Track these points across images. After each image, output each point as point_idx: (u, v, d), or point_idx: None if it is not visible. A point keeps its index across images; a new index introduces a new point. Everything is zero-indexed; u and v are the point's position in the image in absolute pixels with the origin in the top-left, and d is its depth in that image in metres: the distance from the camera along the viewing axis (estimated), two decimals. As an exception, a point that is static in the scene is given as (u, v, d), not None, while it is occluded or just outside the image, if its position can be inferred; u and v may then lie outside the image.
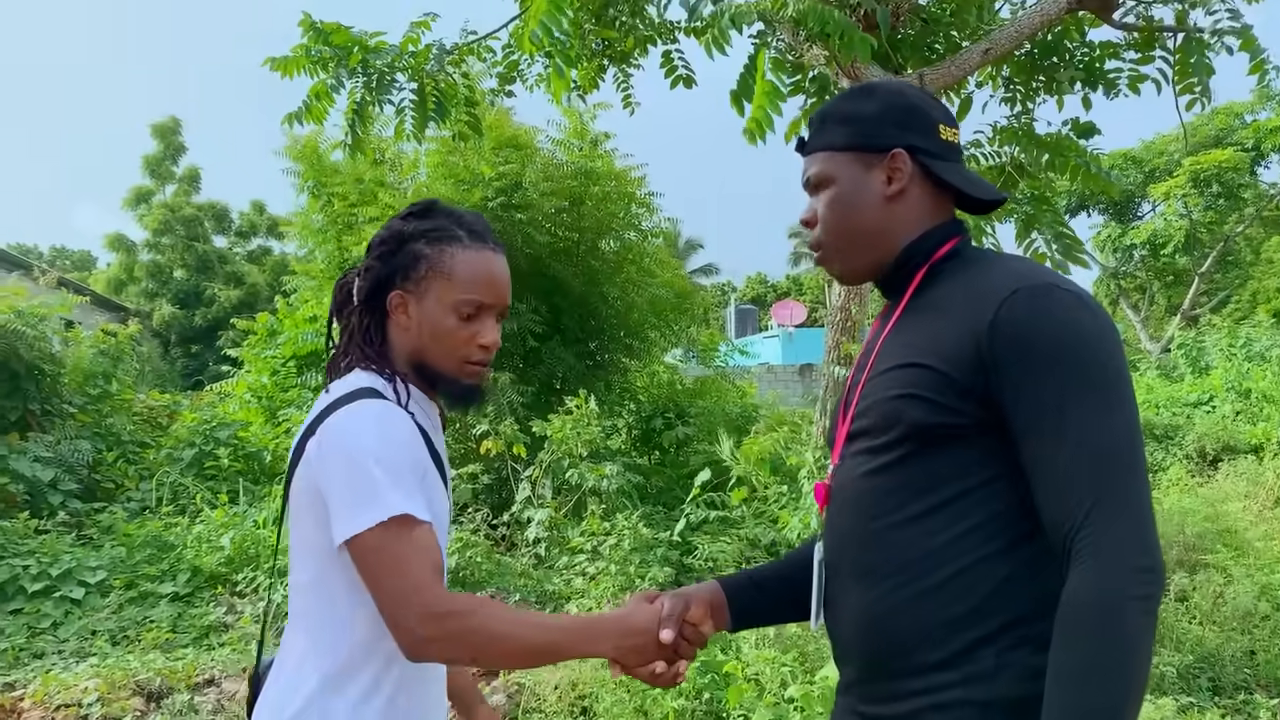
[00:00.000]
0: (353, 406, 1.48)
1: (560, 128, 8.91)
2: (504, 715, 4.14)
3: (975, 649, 1.29)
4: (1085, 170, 5.31)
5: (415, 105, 5.54)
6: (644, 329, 9.75)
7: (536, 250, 8.76)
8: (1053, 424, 1.24)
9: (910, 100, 1.49)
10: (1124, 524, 1.19)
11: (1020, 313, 1.27)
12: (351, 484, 1.41)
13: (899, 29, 5.08)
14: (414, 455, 1.47)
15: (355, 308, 1.63)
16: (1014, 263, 1.38)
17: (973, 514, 1.31)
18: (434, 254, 1.57)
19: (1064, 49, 5.30)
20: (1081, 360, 1.25)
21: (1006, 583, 1.29)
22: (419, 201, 1.66)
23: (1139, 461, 1.23)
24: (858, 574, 1.40)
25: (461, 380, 1.60)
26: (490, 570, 6.07)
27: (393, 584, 1.38)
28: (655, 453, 9.46)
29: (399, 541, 1.39)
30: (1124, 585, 1.17)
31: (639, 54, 5.78)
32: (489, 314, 1.60)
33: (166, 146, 29.01)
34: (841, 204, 1.48)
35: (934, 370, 1.32)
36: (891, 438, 1.35)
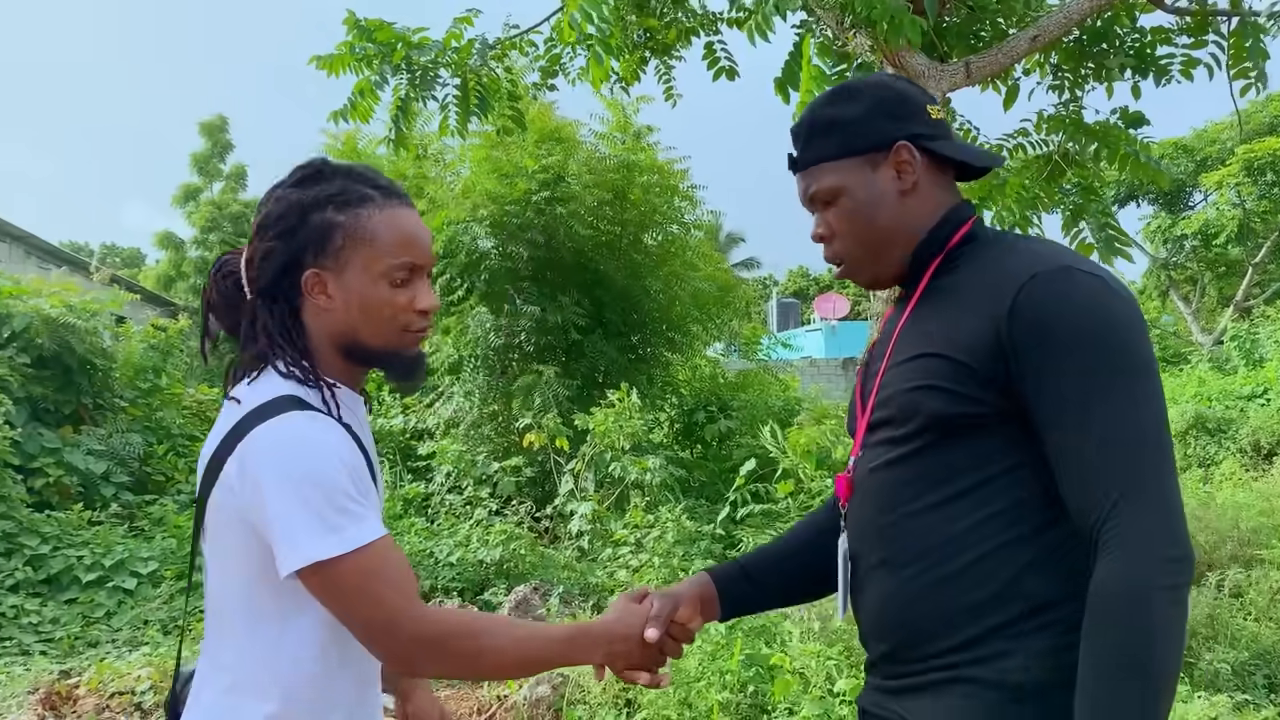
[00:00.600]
0: (276, 423, 1.31)
1: (603, 121, 8.93)
2: (548, 706, 4.16)
3: (998, 632, 1.28)
4: (1135, 159, 5.20)
5: (458, 100, 5.56)
6: (686, 322, 9.73)
7: (579, 243, 8.78)
8: (1076, 414, 1.21)
9: (898, 89, 1.45)
10: (1151, 514, 1.17)
11: (1039, 298, 1.24)
12: (296, 514, 1.27)
13: (944, 17, 5.02)
14: (352, 467, 1.33)
15: (253, 300, 1.43)
16: (1031, 245, 1.35)
17: (994, 501, 1.29)
18: (348, 220, 1.39)
19: (1114, 35, 5.19)
20: (1105, 347, 1.21)
21: (1029, 568, 1.28)
22: (304, 164, 1.47)
23: (1166, 449, 1.21)
24: (881, 562, 1.39)
25: (403, 352, 1.45)
26: (534, 563, 6.10)
27: (372, 614, 1.29)
28: (697, 446, 9.45)
29: (367, 571, 1.29)
30: (1152, 575, 1.15)
31: (681, 45, 5.75)
32: (421, 275, 1.44)
33: (214, 144, 29.38)
34: (858, 213, 1.43)
35: (953, 360, 1.29)
36: (911, 429, 1.34)
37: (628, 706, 4.10)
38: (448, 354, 8.93)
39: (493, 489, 7.47)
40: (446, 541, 6.27)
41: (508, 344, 8.63)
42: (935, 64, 4.55)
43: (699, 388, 10.13)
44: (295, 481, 1.27)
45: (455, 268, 8.48)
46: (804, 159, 1.47)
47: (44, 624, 5.65)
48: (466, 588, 5.94)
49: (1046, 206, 5.46)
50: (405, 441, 9.11)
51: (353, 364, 1.46)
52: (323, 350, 1.43)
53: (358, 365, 1.47)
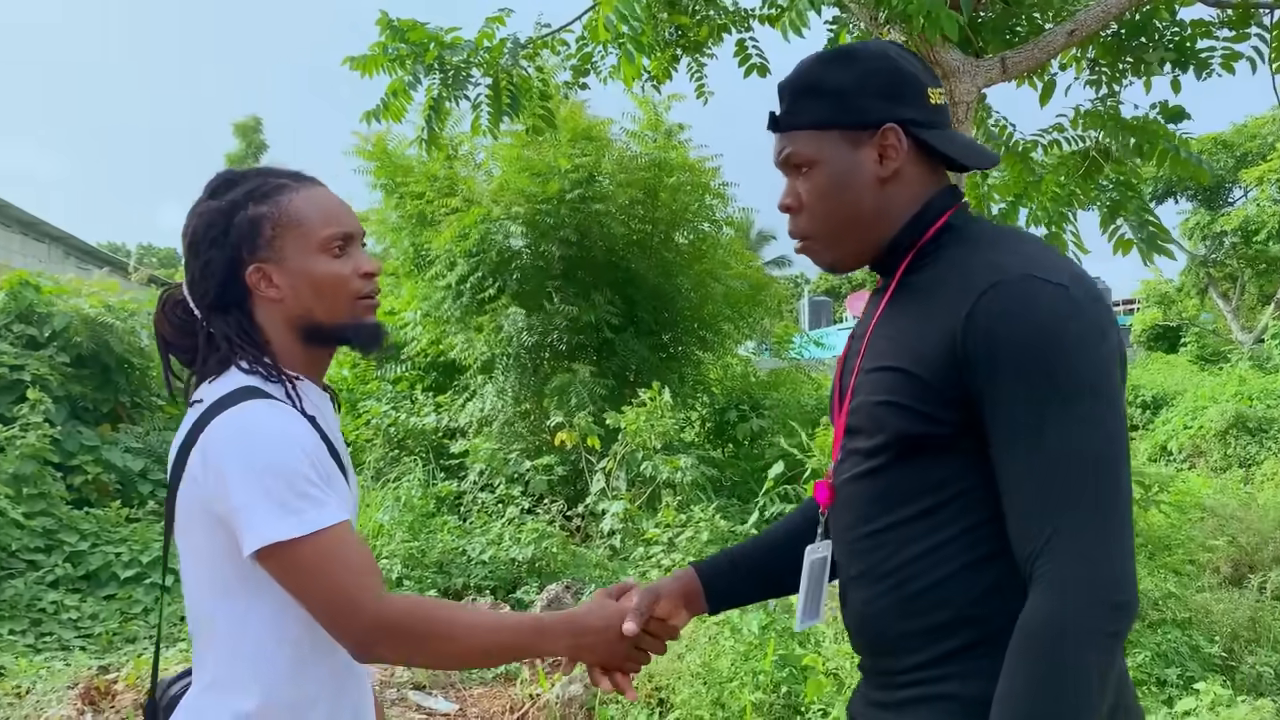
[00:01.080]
0: (236, 412, 1.33)
1: (634, 119, 8.92)
2: (581, 705, 4.15)
3: (957, 655, 1.25)
4: (1174, 155, 5.12)
5: (490, 100, 5.57)
6: (718, 321, 9.71)
7: (611, 242, 8.79)
8: (1018, 438, 1.15)
9: (896, 64, 1.34)
10: (1087, 552, 1.11)
11: (994, 310, 1.16)
12: (258, 501, 1.28)
13: (980, 12, 4.96)
14: (313, 455, 1.34)
15: (206, 316, 1.45)
16: (1003, 246, 1.26)
17: (954, 523, 1.25)
18: (271, 209, 1.42)
19: (1153, 28, 5.11)
20: (1053, 366, 1.13)
21: (988, 593, 1.23)
22: (213, 178, 1.49)
23: (1115, 481, 1.13)
24: (858, 575, 1.37)
25: (362, 320, 1.47)
26: (566, 561, 6.10)
27: (331, 598, 1.30)
28: (729, 445, 9.43)
29: (325, 555, 1.29)
30: (1078, 618, 1.10)
31: (713, 43, 5.73)
32: (355, 244, 1.48)
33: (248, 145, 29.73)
34: (830, 190, 1.34)
35: (912, 376, 1.23)
36: (876, 443, 1.29)
37: (660, 705, 4.09)
38: (480, 352, 8.96)
39: (525, 487, 7.49)
40: (479, 539, 6.29)
41: (540, 342, 8.64)
42: (970, 59, 4.51)
43: (730, 386, 10.11)
44: (257, 470, 1.29)
45: (487, 266, 8.50)
46: (784, 120, 1.38)
47: (83, 620, 5.73)
48: (499, 586, 5.95)
49: (1083, 203, 5.38)
50: (438, 440, 9.15)
51: (315, 349, 1.48)
52: (283, 344, 1.45)
53: (320, 348, 1.49)
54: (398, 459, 8.81)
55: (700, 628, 4.52)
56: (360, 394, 10.45)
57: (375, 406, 9.36)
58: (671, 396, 7.25)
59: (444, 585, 5.91)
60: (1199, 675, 4.17)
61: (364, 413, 9.57)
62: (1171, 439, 12.25)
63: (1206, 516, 6.67)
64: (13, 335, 8.47)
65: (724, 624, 4.53)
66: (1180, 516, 6.21)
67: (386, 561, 5.88)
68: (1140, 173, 5.77)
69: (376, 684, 4.58)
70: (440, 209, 8.68)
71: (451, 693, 4.62)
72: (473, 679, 4.79)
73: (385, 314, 10.60)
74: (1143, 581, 4.80)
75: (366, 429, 9.31)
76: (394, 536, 6.20)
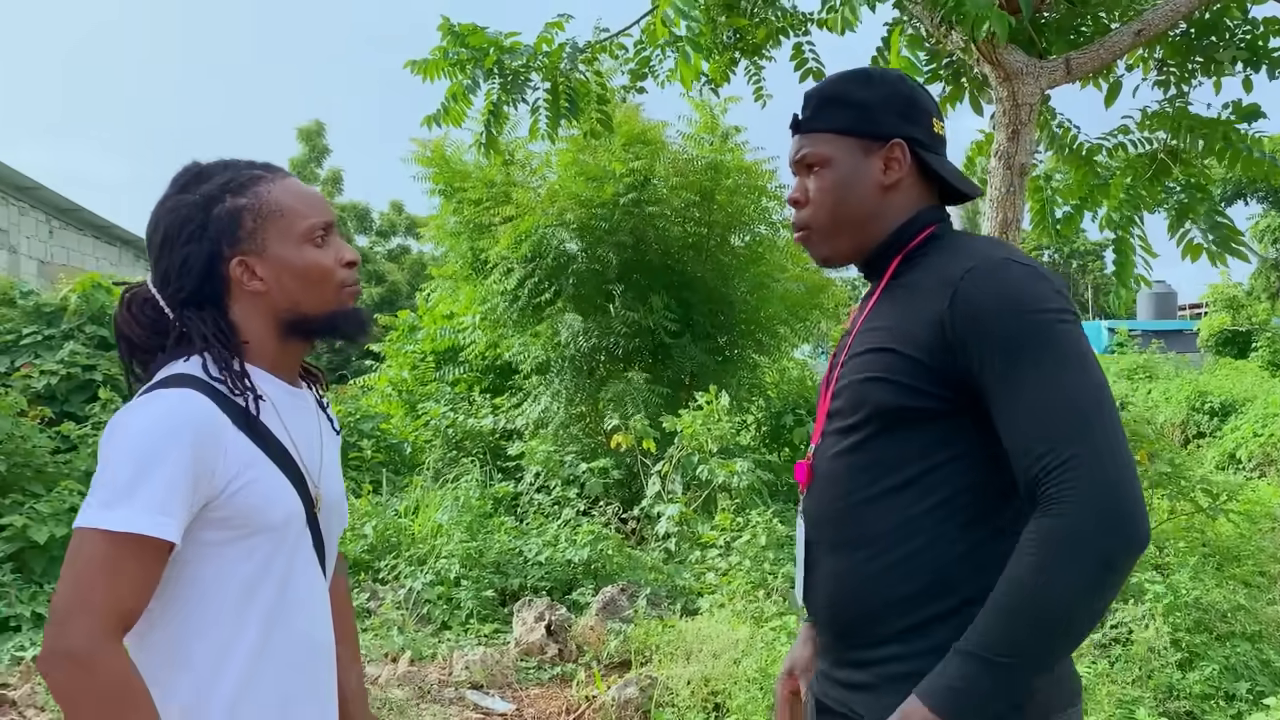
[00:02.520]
0: (143, 397, 1.32)
1: (690, 122, 8.92)
2: (636, 707, 4.17)
3: (933, 623, 1.33)
4: (1246, 155, 5.01)
5: (549, 104, 5.62)
6: (774, 324, 9.67)
7: (667, 245, 8.79)
8: (1019, 389, 1.26)
9: (911, 92, 1.53)
10: (1102, 480, 1.20)
11: (974, 289, 1.31)
12: (100, 478, 1.26)
13: (1044, 12, 4.89)
14: (184, 456, 1.26)
15: (178, 314, 1.40)
16: (979, 244, 1.42)
17: (937, 491, 1.35)
18: (251, 201, 1.39)
19: (1224, 27, 5.00)
20: (1038, 325, 1.27)
21: (966, 559, 1.33)
22: (181, 171, 1.45)
23: (1116, 419, 1.24)
24: (830, 548, 1.45)
25: (347, 308, 1.45)
26: (621, 563, 6.12)
27: (70, 591, 1.22)
28: (785, 449, 9.38)
29: (106, 557, 1.22)
30: (1090, 533, 1.18)
31: (770, 46, 5.72)
32: (334, 232, 1.46)
33: (311, 149, 30.20)
34: (837, 188, 1.51)
35: (903, 355, 1.35)
36: (859, 418, 1.40)
37: (716, 710, 4.09)
38: (535, 355, 9.02)
39: (580, 489, 7.52)
40: (535, 540, 6.33)
41: (597, 346, 8.68)
42: (1034, 60, 4.45)
43: (787, 390, 10.06)
44: (109, 452, 1.27)
45: (543, 271, 8.56)
46: (807, 123, 1.55)
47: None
48: (555, 587, 5.99)
49: (1150, 206, 5.28)
50: (495, 441, 9.23)
51: (292, 343, 1.46)
52: (259, 339, 1.42)
53: (298, 341, 1.46)
54: (456, 460, 8.90)
55: (758, 633, 4.51)
56: (420, 395, 10.58)
57: (435, 408, 9.47)
58: (728, 400, 7.24)
59: (500, 585, 5.95)
60: (1270, 690, 4.07)
61: (423, 414, 9.68)
62: (1241, 447, 11.95)
63: (1278, 527, 6.50)
64: (85, 336, 8.71)
65: (780, 629, 4.52)
66: (1250, 527, 6.06)
67: (445, 561, 5.94)
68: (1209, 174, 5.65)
69: (435, 683, 4.63)
70: (495, 216, 8.75)
71: (508, 693, 4.66)
72: (529, 679, 4.83)
73: (444, 318, 10.73)
74: (1211, 593, 4.69)
75: (425, 430, 9.42)
76: (452, 536, 6.27)
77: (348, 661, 1.66)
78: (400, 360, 11.26)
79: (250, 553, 1.36)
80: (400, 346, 11.44)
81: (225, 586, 1.35)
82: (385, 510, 7.10)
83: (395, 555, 6.35)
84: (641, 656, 4.68)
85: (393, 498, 7.71)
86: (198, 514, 1.31)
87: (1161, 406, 14.81)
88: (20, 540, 5.68)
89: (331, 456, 1.56)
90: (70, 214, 16.74)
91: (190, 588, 1.34)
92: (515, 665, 4.90)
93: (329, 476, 1.52)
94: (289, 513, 1.39)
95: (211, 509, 1.32)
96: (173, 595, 1.33)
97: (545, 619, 5.21)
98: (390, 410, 10.47)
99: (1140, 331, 24.33)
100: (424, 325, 11.18)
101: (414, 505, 7.14)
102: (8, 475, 6.15)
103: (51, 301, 9.19)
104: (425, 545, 6.32)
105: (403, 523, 6.78)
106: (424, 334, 11.03)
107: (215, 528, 1.34)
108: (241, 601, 1.36)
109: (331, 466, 1.54)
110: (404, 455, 9.52)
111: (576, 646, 5.13)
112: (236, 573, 1.36)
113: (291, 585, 1.41)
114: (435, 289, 11.16)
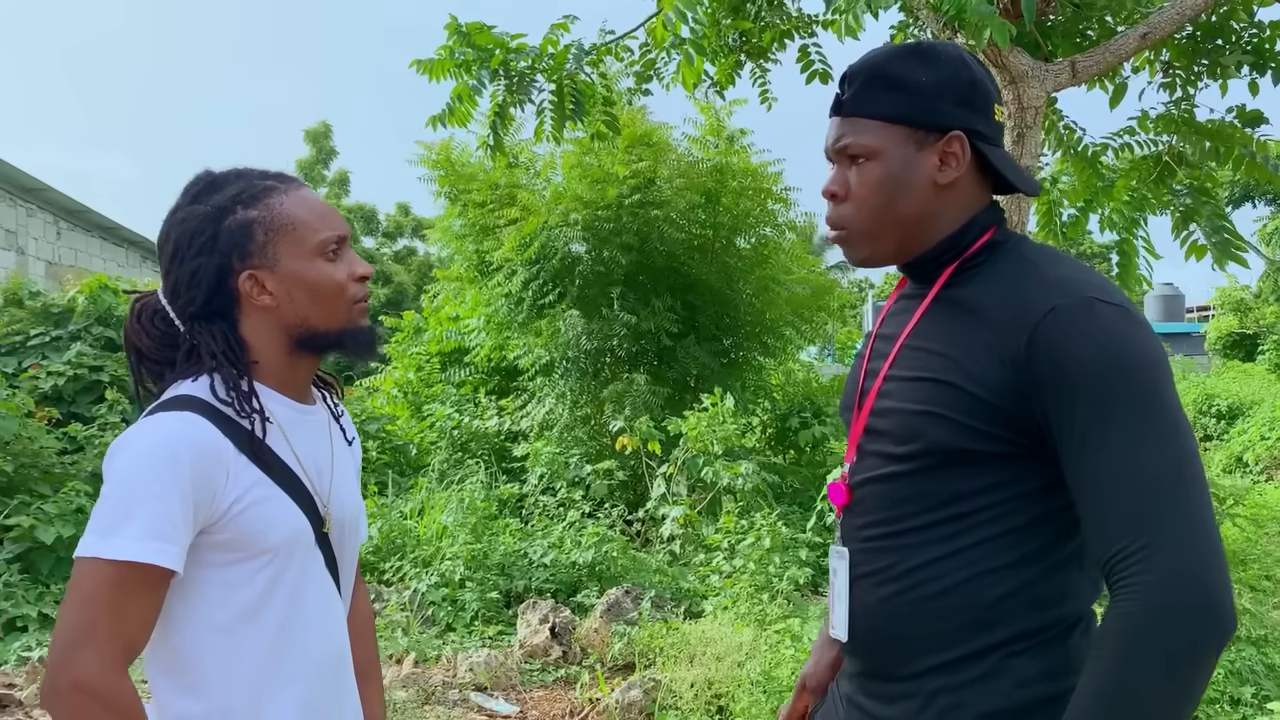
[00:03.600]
0: (145, 421, 1.31)
1: (696, 125, 8.92)
2: (640, 710, 4.17)
3: (971, 659, 1.25)
4: (1250, 160, 5.00)
5: (554, 106, 5.62)
6: (780, 326, 9.67)
7: (672, 246, 8.78)
8: (1098, 451, 1.14)
9: (975, 74, 1.33)
10: (1180, 556, 1.08)
11: (1059, 334, 1.17)
12: (101, 505, 1.25)
13: (1048, 15, 4.88)
14: (182, 482, 1.26)
15: (189, 327, 1.39)
16: (1052, 268, 1.25)
17: (989, 526, 1.25)
18: (261, 213, 1.37)
19: (1230, 30, 4.99)
20: (1127, 384, 1.14)
21: (1014, 595, 1.24)
22: (193, 180, 1.42)
23: (1197, 489, 1.12)
24: (868, 575, 1.34)
25: (358, 325, 1.43)
26: (626, 565, 6.12)
27: (73, 623, 1.21)
28: (790, 451, 9.38)
29: (108, 587, 1.22)
30: (1154, 627, 1.07)
31: (776, 48, 5.72)
32: (347, 245, 1.43)
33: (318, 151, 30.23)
34: (885, 186, 1.31)
35: (962, 390, 1.22)
36: (910, 450, 1.28)
37: (719, 713, 4.09)
38: (538, 355, 9.03)
39: (585, 491, 7.53)
40: (540, 542, 6.34)
41: (600, 348, 8.68)
42: (1039, 63, 4.44)
43: (792, 392, 10.05)
44: (110, 478, 1.27)
45: (548, 273, 8.56)
46: (853, 106, 1.34)
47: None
48: (560, 589, 5.99)
49: (1154, 208, 5.28)
50: (500, 443, 9.24)
51: (302, 357, 1.43)
52: (269, 355, 1.41)
53: (308, 356, 1.44)
54: (461, 461, 8.90)
55: (762, 636, 4.51)
56: (425, 397, 10.59)
57: (440, 410, 9.48)
58: (733, 402, 7.24)
59: (505, 587, 5.96)
60: (1274, 694, 4.06)
61: (428, 415, 9.70)
62: (1248, 450, 11.92)
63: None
64: (91, 337, 8.74)
65: (785, 632, 4.51)
66: (1256, 530, 6.04)
67: (450, 562, 5.95)
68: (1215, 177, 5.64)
69: (439, 684, 4.64)
70: (499, 219, 8.77)
71: (513, 695, 4.67)
72: (534, 681, 4.83)
73: (450, 320, 10.74)
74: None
75: (431, 431, 9.43)
76: (457, 538, 6.27)
77: (365, 680, 1.65)
78: (406, 362, 11.27)
79: (253, 575, 1.35)
80: (406, 348, 11.45)
81: (228, 608, 1.35)
82: (390, 512, 7.11)
83: (400, 557, 6.36)
84: (645, 659, 4.68)
85: (398, 499, 7.72)
86: (199, 538, 1.31)
87: (1168, 409, 14.76)
88: (27, 541, 5.70)
89: (345, 471, 1.54)
90: (78, 215, 16.78)
91: (194, 611, 1.33)
92: (519, 667, 4.90)
93: (341, 493, 1.50)
94: (294, 534, 1.38)
95: (213, 532, 1.32)
96: (177, 619, 1.33)
97: (550, 621, 5.21)
98: (396, 412, 10.49)
99: (1147, 334, 24.21)
100: (429, 327, 11.20)
101: (419, 507, 7.15)
102: (15, 476, 6.18)
103: (59, 303, 9.22)
104: (430, 547, 6.32)
105: (408, 524, 6.79)
106: (429, 336, 11.05)
107: (217, 550, 1.33)
108: (246, 623, 1.35)
109: (345, 482, 1.53)
110: (409, 457, 9.53)
111: (581, 649, 5.13)
112: (240, 595, 1.35)
113: (302, 605, 1.40)
114: (441, 291, 11.18)
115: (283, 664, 1.37)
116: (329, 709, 1.45)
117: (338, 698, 1.48)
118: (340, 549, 1.50)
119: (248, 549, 1.34)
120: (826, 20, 5.50)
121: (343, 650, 1.50)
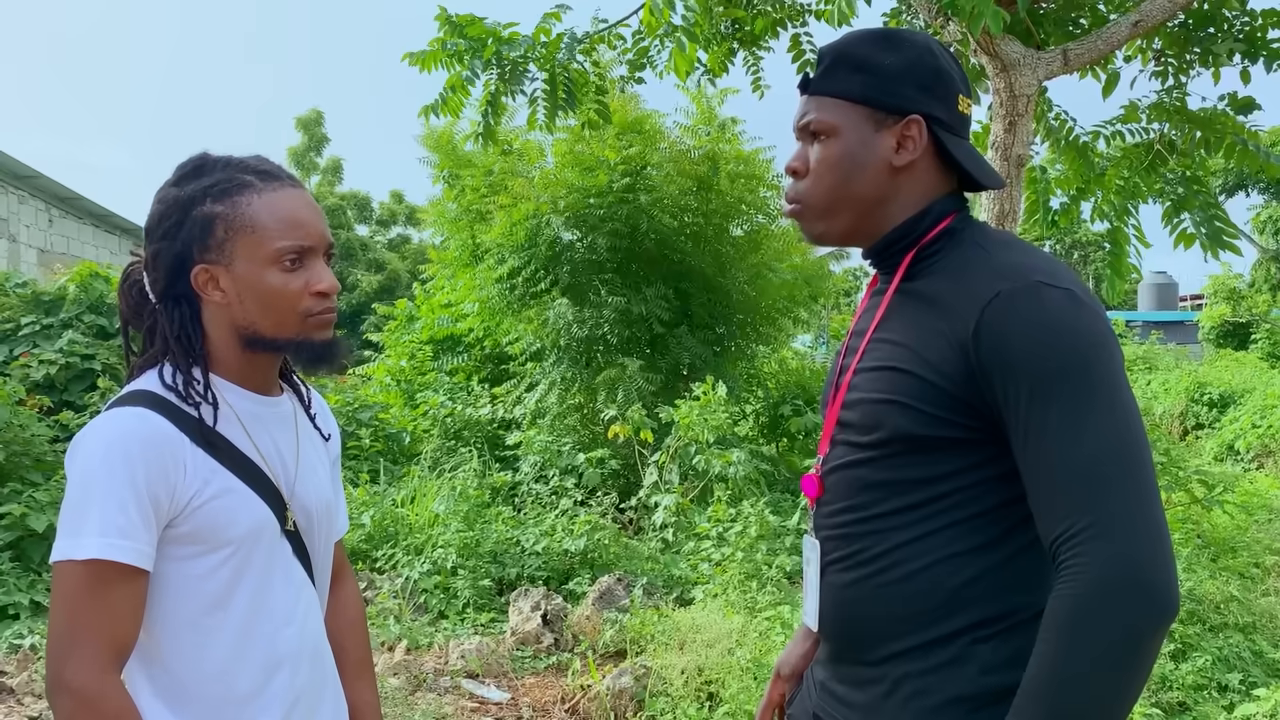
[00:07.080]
0: (99, 418, 1.31)
1: (688, 114, 8.91)
2: (631, 696, 4.19)
3: (938, 643, 1.27)
4: (1243, 148, 5.01)
5: (546, 95, 5.61)
6: (773, 314, 9.68)
7: (663, 234, 8.78)
8: (1044, 435, 1.17)
9: (939, 62, 1.35)
10: (1123, 540, 1.11)
11: (1003, 318, 1.19)
12: (64, 507, 1.27)
13: (1041, 3, 4.89)
14: (137, 478, 1.27)
15: (153, 305, 1.41)
16: (1004, 253, 1.28)
17: (954, 511, 1.27)
18: (227, 210, 1.35)
19: (1222, 18, 4.99)
20: (1072, 367, 1.17)
21: (975, 582, 1.27)
22: (186, 161, 1.42)
23: (1140, 470, 1.15)
24: (839, 562, 1.37)
25: (311, 338, 1.40)
26: (618, 554, 6.14)
27: (59, 627, 1.24)
28: (783, 440, 9.40)
29: (83, 588, 1.24)
30: (1110, 603, 1.10)
31: (769, 37, 5.72)
32: (314, 257, 1.38)
33: (310, 138, 30.16)
34: (842, 164, 1.34)
35: (919, 378, 1.26)
36: (875, 439, 1.31)
37: (710, 700, 4.11)
38: (528, 343, 9.03)
39: (578, 479, 7.54)
40: (533, 530, 6.35)
41: (591, 335, 8.68)
42: (1031, 51, 4.44)
43: (785, 381, 10.06)
44: (73, 477, 1.28)
45: (539, 260, 8.56)
46: (819, 84, 1.38)
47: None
48: (552, 577, 6.01)
49: (1145, 197, 5.29)
50: (493, 431, 9.25)
51: (259, 355, 1.42)
52: (223, 347, 1.41)
53: (265, 355, 1.43)
54: (454, 449, 8.91)
55: (752, 623, 4.53)
56: (418, 385, 10.59)
57: (433, 398, 9.48)
58: (725, 390, 7.25)
59: (497, 575, 5.97)
60: (1261, 681, 4.09)
61: (421, 403, 9.69)
62: (1239, 438, 11.96)
63: (1275, 518, 6.52)
64: (84, 325, 8.72)
65: (774, 619, 4.54)
66: (1246, 518, 6.08)
67: (442, 550, 5.96)
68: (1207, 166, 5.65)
69: (430, 671, 4.66)
70: (493, 204, 8.76)
71: (504, 682, 4.68)
72: (525, 668, 4.85)
73: (443, 307, 10.73)
74: (1205, 584, 4.71)
75: (424, 419, 9.43)
76: (449, 526, 6.28)
77: (357, 674, 1.65)
78: (398, 350, 11.27)
79: (218, 567, 1.36)
80: (399, 336, 11.45)
81: (195, 601, 1.36)
82: (383, 500, 7.11)
83: (392, 545, 6.37)
84: (637, 646, 4.70)
85: (390, 487, 7.72)
86: (164, 532, 1.32)
87: (1160, 398, 14.83)
88: (19, 528, 5.70)
89: (312, 463, 1.53)
90: (70, 202, 16.72)
91: (159, 605, 1.34)
92: (511, 654, 4.92)
93: (308, 485, 1.49)
94: (257, 525, 1.38)
95: (175, 525, 1.33)
96: (146, 613, 1.33)
97: (541, 608, 5.23)
98: (388, 400, 10.49)
99: (1140, 322, 24.32)
100: (422, 315, 11.19)
101: (411, 495, 7.16)
102: (6, 464, 6.17)
103: (50, 291, 9.20)
104: (422, 535, 6.33)
105: (400, 512, 6.80)
106: (422, 323, 11.04)
107: (180, 543, 1.34)
108: (211, 616, 1.36)
109: (312, 473, 1.52)
110: (402, 445, 9.53)
111: (572, 636, 5.15)
112: (205, 588, 1.36)
113: (269, 596, 1.41)
114: (434, 275, 11.16)
115: (251, 655, 1.38)
116: (308, 699, 1.46)
117: (316, 687, 1.48)
118: (310, 540, 1.50)
119: (209, 541, 1.35)
120: (819, 11, 5.50)
121: (318, 640, 1.51)
